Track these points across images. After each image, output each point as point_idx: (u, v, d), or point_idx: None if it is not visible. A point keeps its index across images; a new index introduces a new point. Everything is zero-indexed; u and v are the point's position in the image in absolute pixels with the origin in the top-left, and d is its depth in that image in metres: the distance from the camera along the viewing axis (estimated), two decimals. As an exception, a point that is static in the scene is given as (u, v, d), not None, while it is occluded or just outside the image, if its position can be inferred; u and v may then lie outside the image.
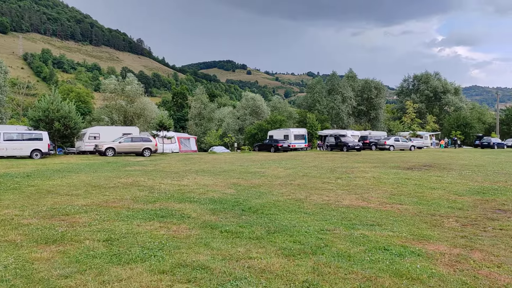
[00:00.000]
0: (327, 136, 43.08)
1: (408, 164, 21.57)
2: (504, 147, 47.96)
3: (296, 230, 7.14)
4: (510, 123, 63.68)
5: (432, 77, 74.23)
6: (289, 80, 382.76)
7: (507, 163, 21.83)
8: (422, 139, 48.81)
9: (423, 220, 8.14)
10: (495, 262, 5.35)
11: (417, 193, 11.62)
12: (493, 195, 11.03)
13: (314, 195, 11.35)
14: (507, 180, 14.33)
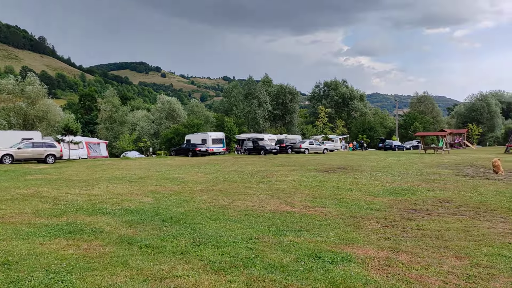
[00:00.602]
0: (245, 140, 43.27)
1: (324, 166, 22.29)
2: (404, 149, 52.35)
3: (223, 240, 6.69)
4: (407, 127, 69.83)
5: (341, 84, 78.80)
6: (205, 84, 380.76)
7: (409, 164, 23.61)
8: (333, 142, 51.31)
9: (347, 222, 8.20)
10: (422, 264, 5.42)
11: (336, 195, 11.86)
12: (404, 195, 11.65)
13: (238, 200, 11.00)
14: (413, 180, 15.36)
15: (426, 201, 10.58)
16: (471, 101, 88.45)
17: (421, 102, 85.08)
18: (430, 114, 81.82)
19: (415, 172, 18.41)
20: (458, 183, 14.44)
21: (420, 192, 12.27)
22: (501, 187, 13.14)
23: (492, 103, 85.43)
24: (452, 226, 7.70)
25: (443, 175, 17.36)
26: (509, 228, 7.47)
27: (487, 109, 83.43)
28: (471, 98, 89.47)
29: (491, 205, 9.91)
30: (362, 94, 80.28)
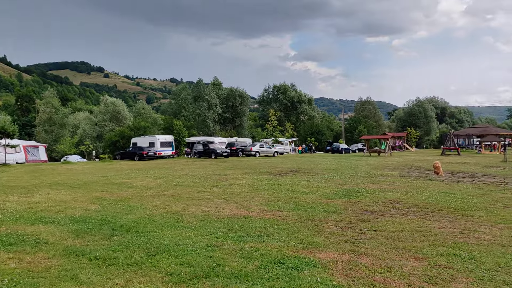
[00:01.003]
0: (195, 143, 42.62)
1: (276, 169, 22.37)
2: (350, 152, 54.11)
3: (180, 249, 6.36)
4: (353, 130, 72.38)
5: (289, 88, 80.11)
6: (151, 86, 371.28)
7: (358, 167, 24.33)
8: (283, 145, 51.94)
9: (305, 226, 8.15)
10: (384, 267, 5.44)
11: (292, 198, 11.84)
12: (357, 197, 11.87)
13: (192, 206, 10.65)
14: (364, 182, 15.77)
15: (378, 203, 10.83)
16: (409, 106, 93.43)
17: (364, 106, 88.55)
18: (373, 118, 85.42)
19: (364, 174, 18.94)
20: (405, 184, 15.00)
21: (371, 193, 12.58)
22: (444, 188, 13.80)
23: (428, 108, 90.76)
24: (406, 227, 7.89)
25: (390, 176, 18.00)
26: (458, 228, 7.76)
27: (423, 114, 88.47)
28: (409, 104, 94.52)
29: (438, 205, 10.32)
30: (310, 98, 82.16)
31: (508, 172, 19.96)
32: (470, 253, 5.95)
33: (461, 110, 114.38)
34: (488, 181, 15.88)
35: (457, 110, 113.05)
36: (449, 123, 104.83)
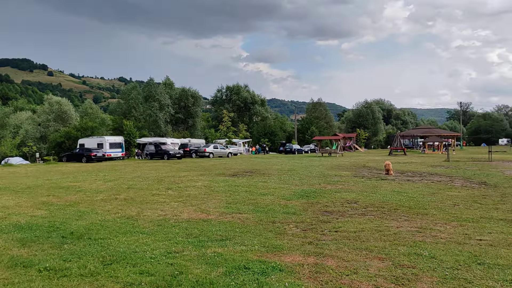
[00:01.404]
0: (146, 144, 41.42)
1: (231, 170, 22.16)
2: (302, 152, 54.98)
3: (138, 256, 6.00)
4: (305, 131, 73.69)
5: (243, 89, 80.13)
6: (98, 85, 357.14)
7: (312, 167, 24.68)
8: (237, 146, 51.79)
9: (267, 228, 8.02)
10: (350, 269, 5.41)
11: (250, 200, 11.69)
12: (315, 198, 11.93)
13: (147, 210, 10.20)
14: (320, 182, 15.95)
15: (336, 203, 10.94)
16: (358, 108, 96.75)
17: (316, 108, 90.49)
18: (324, 119, 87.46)
19: (319, 175, 19.20)
20: (359, 184, 15.34)
21: (329, 194, 12.71)
22: (396, 187, 14.24)
23: (376, 110, 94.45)
24: (366, 227, 7.97)
25: (344, 176, 18.37)
26: (415, 227, 7.96)
27: (371, 116, 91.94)
28: (358, 105, 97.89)
29: (393, 204, 10.59)
30: (263, 99, 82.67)
31: (452, 171, 21.04)
32: (430, 252, 6.08)
33: (405, 112, 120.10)
34: (435, 180, 16.61)
35: (402, 112, 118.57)
36: (394, 124, 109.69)
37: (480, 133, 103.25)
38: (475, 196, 11.99)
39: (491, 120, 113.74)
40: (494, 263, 5.50)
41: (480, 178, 17.22)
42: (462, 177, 17.81)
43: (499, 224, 8.02)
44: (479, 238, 6.94)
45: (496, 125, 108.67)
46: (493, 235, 7.11)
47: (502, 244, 6.53)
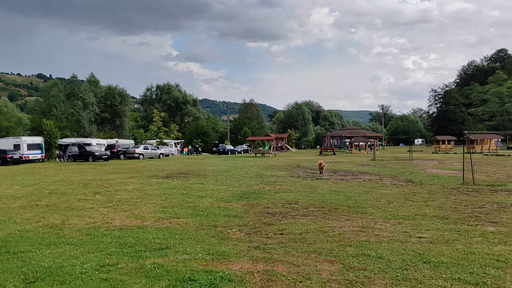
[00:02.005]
0: (69, 145, 38.62)
1: (164, 172, 21.28)
2: (236, 153, 54.87)
3: (66, 272, 5.27)
4: (237, 132, 73.75)
5: (174, 88, 78.26)
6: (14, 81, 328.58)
7: (247, 167, 24.52)
8: (168, 147, 50.30)
9: (209, 233, 7.58)
10: (302, 274, 5.16)
11: (188, 203, 11.14)
12: (255, 199, 11.68)
13: (73, 217, 9.25)
14: (257, 183, 15.76)
15: (277, 204, 10.77)
16: (289, 109, 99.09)
17: (248, 108, 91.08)
18: (256, 120, 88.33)
19: (255, 175, 19.04)
20: (297, 184, 15.39)
21: (268, 194, 12.53)
22: (333, 186, 14.48)
23: (305, 111, 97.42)
24: (310, 228, 7.85)
25: (280, 177, 18.39)
26: (357, 226, 7.99)
27: (301, 117, 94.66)
28: (289, 107, 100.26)
29: (332, 204, 10.65)
30: (195, 99, 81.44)
31: (379, 170, 22.04)
32: (377, 252, 6.05)
33: (332, 113, 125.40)
34: (366, 179, 17.21)
35: (329, 113, 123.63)
36: (323, 125, 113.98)
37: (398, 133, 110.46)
38: (405, 193, 12.50)
39: (407, 121, 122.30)
40: (439, 261, 5.57)
41: (405, 176, 18.16)
42: (389, 175, 18.67)
43: (433, 221, 8.32)
44: (418, 235, 7.09)
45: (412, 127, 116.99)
46: (431, 232, 7.32)
47: (440, 241, 6.71)
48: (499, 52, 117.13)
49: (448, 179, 16.80)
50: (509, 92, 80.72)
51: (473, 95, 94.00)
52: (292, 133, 76.23)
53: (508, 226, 7.75)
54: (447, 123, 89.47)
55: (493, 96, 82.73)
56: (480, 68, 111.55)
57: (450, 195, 12.06)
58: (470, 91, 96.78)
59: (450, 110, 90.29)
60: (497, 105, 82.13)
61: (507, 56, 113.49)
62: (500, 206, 10.03)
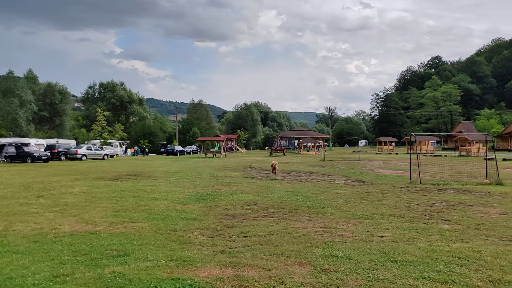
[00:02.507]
0: (5, 145, 35.93)
1: (111, 174, 20.34)
2: (185, 153, 53.95)
3: (17, 284, 4.75)
4: (186, 132, 72.63)
5: (118, 87, 75.57)
6: None
7: (199, 168, 24.11)
8: (113, 147, 48.36)
9: (169, 238, 7.22)
10: (275, 279, 5.00)
11: (142, 206, 10.64)
12: (212, 201, 11.39)
13: (17, 223, 8.47)
14: (213, 184, 15.46)
15: (236, 205, 10.56)
16: (238, 110, 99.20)
17: (197, 109, 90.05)
18: (205, 120, 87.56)
19: (209, 176, 18.71)
20: (253, 185, 15.28)
21: (225, 196, 12.29)
22: (288, 187, 14.51)
23: (254, 112, 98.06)
24: (273, 229, 7.72)
25: (234, 177, 18.21)
26: (320, 226, 7.98)
27: (251, 118, 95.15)
28: (238, 107, 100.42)
29: (291, 204, 10.63)
30: (141, 98, 79.18)
31: (330, 170, 22.55)
32: (344, 253, 6.03)
33: (281, 115, 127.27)
34: (320, 179, 17.49)
35: (277, 114, 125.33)
36: (271, 126, 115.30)
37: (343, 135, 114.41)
38: (360, 193, 12.80)
39: (352, 123, 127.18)
40: (405, 260, 5.65)
41: (356, 176, 18.68)
42: (341, 176, 19.12)
43: (391, 220, 8.51)
44: (380, 235, 7.20)
45: (356, 128, 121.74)
46: (391, 231, 7.46)
47: (402, 240, 6.83)
48: (434, 59, 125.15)
49: (396, 178, 17.48)
50: (443, 96, 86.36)
51: (411, 99, 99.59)
52: (242, 134, 76.34)
53: (461, 223, 8.10)
54: (388, 125, 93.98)
55: (429, 100, 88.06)
56: (417, 73, 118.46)
57: (401, 194, 12.51)
58: (408, 95, 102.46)
59: (390, 113, 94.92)
60: (433, 108, 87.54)
61: (441, 63, 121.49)
62: (449, 204, 10.51)
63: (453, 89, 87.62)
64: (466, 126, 66.33)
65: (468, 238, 6.88)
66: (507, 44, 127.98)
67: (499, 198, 11.39)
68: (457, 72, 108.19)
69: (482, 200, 11.12)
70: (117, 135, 57.77)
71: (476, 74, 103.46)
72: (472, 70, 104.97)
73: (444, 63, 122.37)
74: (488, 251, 6.01)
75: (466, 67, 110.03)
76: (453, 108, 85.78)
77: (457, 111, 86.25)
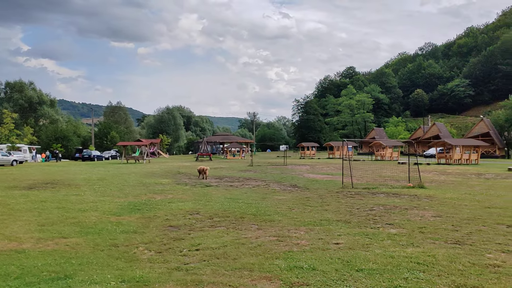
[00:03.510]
0: None
1: (25, 182, 18.29)
2: (103, 159, 50.81)
3: None
4: (103, 137, 68.57)
5: (27, 87, 69.24)
6: None
7: (124, 175, 22.71)
8: (22, 152, 43.95)
9: (112, 255, 6.48)
10: (246, 295, 4.64)
11: (70, 218, 9.56)
12: (149, 211, 10.63)
13: None
14: (145, 192, 14.53)
15: (177, 215, 9.94)
16: (159, 113, 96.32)
17: (115, 112, 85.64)
18: (124, 124, 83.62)
19: (137, 184, 17.63)
20: (188, 192, 14.64)
21: (162, 205, 11.56)
22: (226, 193, 14.12)
23: (177, 116, 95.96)
24: (225, 241, 7.32)
25: (166, 184, 17.37)
26: (272, 235, 7.73)
27: (173, 122, 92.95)
28: (159, 111, 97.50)
29: (235, 212, 10.27)
30: (52, 100, 73.22)
31: (262, 175, 22.57)
32: (307, 263, 5.82)
33: (204, 119, 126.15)
34: (255, 184, 17.35)
35: (200, 119, 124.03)
36: (194, 131, 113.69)
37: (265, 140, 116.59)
38: (299, 199, 12.84)
39: (273, 129, 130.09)
40: (369, 268, 5.59)
41: (289, 181, 18.86)
42: (274, 181, 19.18)
43: (340, 226, 8.55)
44: (335, 242, 7.15)
45: (277, 134, 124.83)
46: (344, 238, 7.45)
47: (357, 246, 6.83)
48: (349, 69, 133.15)
49: (327, 183, 17.95)
50: (358, 105, 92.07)
51: (328, 106, 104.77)
52: (164, 139, 74.11)
53: (404, 227, 8.39)
54: (308, 131, 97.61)
55: (345, 108, 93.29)
56: (334, 82, 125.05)
57: (339, 198, 12.77)
58: (326, 103, 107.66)
59: (310, 119, 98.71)
60: (348, 116, 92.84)
61: (355, 73, 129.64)
62: (386, 208, 10.93)
63: (366, 98, 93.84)
64: (378, 132, 71.27)
65: (417, 242, 7.09)
66: (410, 58, 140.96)
67: (427, 201, 12.12)
68: (368, 82, 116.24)
69: (413, 203, 11.75)
70: (26, 139, 52.64)
71: (385, 84, 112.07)
72: (381, 81, 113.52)
73: (358, 73, 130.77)
74: (441, 255, 6.21)
75: (376, 77, 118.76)
76: (366, 115, 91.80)
77: (370, 118, 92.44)
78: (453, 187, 16.30)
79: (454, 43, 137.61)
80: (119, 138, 65.51)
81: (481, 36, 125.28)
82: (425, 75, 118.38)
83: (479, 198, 12.78)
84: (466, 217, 9.41)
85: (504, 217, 9.29)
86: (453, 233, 7.76)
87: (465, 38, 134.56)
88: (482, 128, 52.72)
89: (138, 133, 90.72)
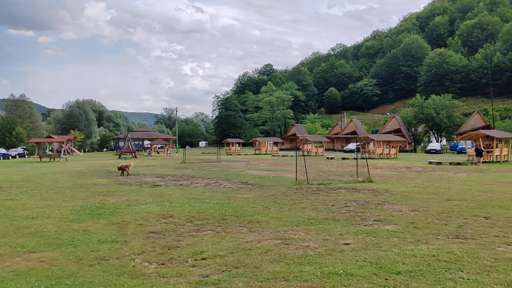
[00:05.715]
0: None
1: None
2: (10, 157, 45.49)
3: None
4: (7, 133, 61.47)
5: None
6: None
7: (49, 175, 20.45)
8: None
9: (109, 270, 5.50)
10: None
11: (22, 228, 8.11)
12: (114, 216, 9.45)
13: None
14: (93, 195, 13.03)
15: (149, 220, 8.94)
16: (69, 108, 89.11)
17: (18, 105, 77.29)
18: (29, 119, 75.94)
19: (73, 185, 15.84)
20: (142, 192, 13.46)
21: (123, 208, 10.36)
22: (186, 193, 13.22)
23: (89, 111, 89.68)
24: (228, 246, 6.64)
25: (108, 185, 15.86)
26: (273, 238, 7.22)
27: (85, 117, 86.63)
28: (68, 105, 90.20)
29: (213, 214, 9.51)
30: None
31: (204, 172, 21.81)
32: (338, 268, 5.44)
33: (117, 114, 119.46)
34: (206, 183, 16.59)
35: (114, 114, 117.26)
36: (107, 127, 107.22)
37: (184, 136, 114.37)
38: (266, 197, 12.43)
39: (192, 125, 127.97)
40: (405, 270, 5.36)
41: (237, 179, 18.38)
42: (222, 178, 18.58)
43: (332, 225, 8.28)
44: (344, 242, 6.86)
45: (196, 130, 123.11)
46: (349, 237, 7.18)
47: (369, 246, 6.58)
48: (267, 67, 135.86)
49: (277, 179, 17.83)
50: (278, 101, 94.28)
51: (248, 103, 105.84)
52: (77, 135, 68.75)
53: (395, 223, 8.42)
54: (228, 127, 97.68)
55: (266, 104, 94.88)
56: (252, 79, 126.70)
57: (305, 195, 12.60)
58: (245, 99, 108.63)
59: (230, 115, 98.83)
60: (269, 112, 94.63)
61: (272, 71, 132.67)
62: (359, 203, 10.98)
63: (285, 94, 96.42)
64: (299, 128, 73.67)
65: (422, 238, 7.09)
66: (324, 58, 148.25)
67: (390, 196, 12.47)
68: (286, 80, 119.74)
69: (379, 198, 12.01)
70: None
71: (302, 82, 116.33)
72: (298, 79, 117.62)
73: (275, 70, 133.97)
74: (458, 251, 6.22)
75: (293, 75, 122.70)
76: (286, 112, 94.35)
77: (289, 114, 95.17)
78: (397, 180, 17.18)
79: (362, 45, 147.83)
80: (26, 134, 59.20)
81: (386, 39, 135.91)
82: (337, 74, 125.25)
83: (430, 190, 13.53)
84: (440, 210, 9.79)
85: (473, 209, 9.83)
86: (445, 227, 7.95)
87: (371, 40, 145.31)
88: (394, 125, 57.15)
89: (45, 129, 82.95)
